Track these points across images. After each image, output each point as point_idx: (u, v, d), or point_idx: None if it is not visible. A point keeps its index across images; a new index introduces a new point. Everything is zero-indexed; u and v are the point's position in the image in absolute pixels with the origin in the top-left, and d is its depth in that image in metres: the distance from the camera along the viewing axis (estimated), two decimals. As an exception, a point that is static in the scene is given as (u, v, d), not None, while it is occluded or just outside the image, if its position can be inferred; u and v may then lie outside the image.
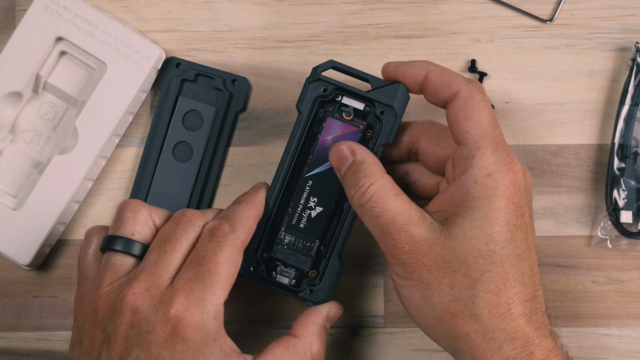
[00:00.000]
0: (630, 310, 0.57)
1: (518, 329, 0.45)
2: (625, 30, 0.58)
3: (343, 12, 0.59)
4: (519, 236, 0.46)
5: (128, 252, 0.47)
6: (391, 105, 0.50)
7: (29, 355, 0.58)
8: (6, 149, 0.57)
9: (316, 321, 0.50)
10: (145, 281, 0.45)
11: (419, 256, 0.46)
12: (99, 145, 0.56)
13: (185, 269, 0.46)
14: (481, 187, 0.46)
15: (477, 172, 0.46)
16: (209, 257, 0.45)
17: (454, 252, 0.45)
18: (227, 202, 0.58)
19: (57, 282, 0.58)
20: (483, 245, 0.45)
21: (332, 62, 0.51)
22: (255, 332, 0.57)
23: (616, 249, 0.57)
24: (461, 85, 0.48)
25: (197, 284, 0.45)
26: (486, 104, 0.47)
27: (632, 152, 0.57)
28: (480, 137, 0.46)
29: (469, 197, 0.46)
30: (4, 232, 0.55)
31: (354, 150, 0.49)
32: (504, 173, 0.46)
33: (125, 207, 0.48)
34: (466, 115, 0.47)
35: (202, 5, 0.59)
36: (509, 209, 0.46)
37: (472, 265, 0.45)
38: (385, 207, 0.46)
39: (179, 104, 0.58)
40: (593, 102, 0.58)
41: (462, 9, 0.59)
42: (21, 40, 0.56)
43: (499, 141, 0.47)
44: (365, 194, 0.47)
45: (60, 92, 0.58)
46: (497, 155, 0.46)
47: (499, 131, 0.47)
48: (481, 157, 0.46)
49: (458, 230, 0.46)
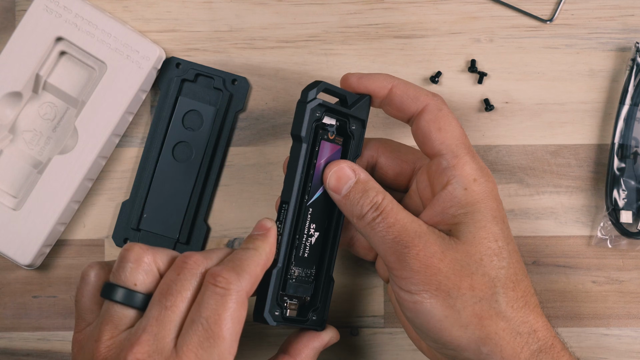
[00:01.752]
0: (630, 310, 0.57)
1: (537, 319, 0.47)
2: (625, 30, 0.58)
3: (343, 12, 0.59)
4: (510, 233, 0.48)
5: (129, 305, 0.45)
6: (363, 118, 0.50)
7: (29, 355, 0.58)
8: (6, 149, 0.57)
9: (317, 347, 0.50)
10: (147, 344, 0.43)
11: (434, 262, 0.46)
12: (99, 145, 0.56)
13: (188, 331, 0.43)
14: (471, 192, 0.47)
15: (462, 179, 0.47)
16: (213, 319, 0.43)
17: (468, 254, 0.46)
18: (227, 202, 0.58)
19: (57, 282, 0.58)
20: (493, 243, 0.47)
21: (323, 84, 0.49)
22: (256, 332, 0.57)
23: (616, 249, 0.57)
24: (428, 99, 0.49)
25: (203, 352, 0.42)
26: (453, 115, 0.49)
27: (632, 152, 0.57)
28: (457, 146, 0.48)
29: (464, 204, 0.47)
30: (4, 232, 0.55)
31: (355, 170, 0.49)
32: (486, 178, 0.48)
33: (128, 253, 0.45)
34: (439, 127, 0.48)
35: (202, 5, 0.59)
36: (499, 208, 0.48)
37: (488, 264, 0.46)
38: (397, 217, 0.47)
39: (179, 104, 0.58)
40: (593, 102, 0.58)
41: (462, 9, 0.59)
42: (21, 40, 0.56)
43: (472, 151, 0.49)
44: (378, 208, 0.47)
45: (60, 92, 0.58)
46: (476, 162, 0.48)
47: (469, 142, 0.49)
48: (464, 165, 0.47)
49: (466, 234, 0.46)
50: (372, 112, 0.52)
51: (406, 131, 0.55)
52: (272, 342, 0.57)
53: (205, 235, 0.58)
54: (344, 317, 0.57)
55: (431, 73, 0.58)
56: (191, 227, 0.58)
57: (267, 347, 0.57)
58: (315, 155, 0.49)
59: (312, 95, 0.48)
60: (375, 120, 0.58)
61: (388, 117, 0.58)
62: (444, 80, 0.58)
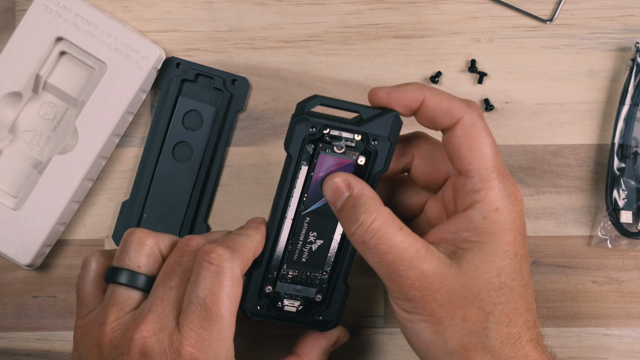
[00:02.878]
0: (630, 310, 0.57)
1: (527, 355, 0.45)
2: (625, 30, 0.58)
3: (343, 12, 0.59)
4: (525, 265, 0.46)
5: (134, 286, 0.46)
6: (386, 135, 0.47)
7: (29, 355, 0.58)
8: (6, 149, 0.57)
9: (324, 346, 0.50)
10: (152, 323, 0.44)
11: (430, 292, 0.44)
12: (99, 145, 0.56)
13: (187, 311, 0.44)
14: (490, 222, 0.45)
15: (485, 207, 0.45)
16: (210, 298, 0.43)
17: (466, 286, 0.45)
18: (227, 202, 0.58)
19: (57, 282, 0.58)
20: (495, 278, 0.45)
21: (318, 99, 0.47)
22: (255, 332, 0.57)
23: (616, 249, 0.57)
24: (462, 112, 0.45)
25: (203, 331, 0.43)
26: (487, 131, 0.46)
27: (632, 152, 0.57)
28: (485, 169, 0.45)
29: (478, 232, 0.45)
30: (4, 232, 0.55)
31: (349, 184, 0.46)
32: (511, 206, 0.45)
33: (130, 237, 0.47)
34: (470, 146, 0.45)
35: (202, 5, 0.59)
36: (517, 241, 0.45)
37: (485, 299, 0.45)
38: (391, 243, 0.44)
39: (179, 104, 0.58)
40: (593, 102, 0.58)
41: (462, 9, 0.59)
42: (21, 40, 0.56)
43: (502, 171, 0.46)
44: (368, 230, 0.45)
45: (60, 92, 0.58)
46: (504, 189, 0.45)
47: (501, 160, 0.46)
48: (488, 192, 0.45)
49: (469, 265, 0.45)
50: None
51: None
52: (275, 343, 0.57)
53: (205, 235, 0.58)
54: (344, 317, 0.57)
55: (431, 73, 0.58)
56: (191, 227, 0.58)
57: (269, 348, 0.57)
58: (312, 168, 0.48)
59: (302, 110, 0.47)
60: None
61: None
62: (444, 80, 0.58)
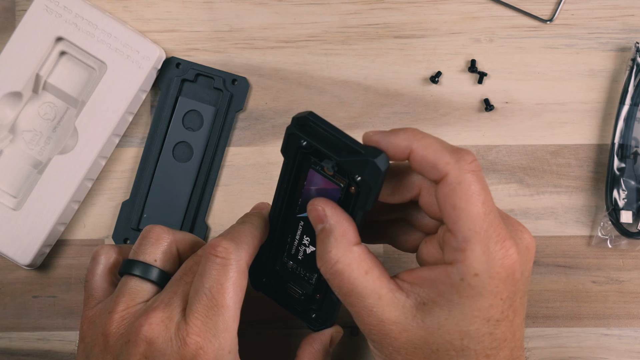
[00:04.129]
0: (630, 310, 0.57)
1: None
2: (625, 30, 0.58)
3: (343, 12, 0.59)
4: (500, 329, 0.43)
5: (147, 278, 0.46)
6: (363, 177, 0.43)
7: (29, 355, 0.58)
8: (6, 149, 0.57)
9: (320, 349, 0.50)
10: (162, 311, 0.44)
11: (388, 339, 0.43)
12: (99, 145, 0.56)
13: (194, 301, 0.44)
14: (467, 285, 0.42)
15: (464, 269, 0.41)
16: (216, 288, 0.44)
17: (425, 341, 0.43)
18: (227, 202, 0.58)
19: (57, 282, 0.58)
20: (457, 340, 0.43)
21: (309, 117, 0.44)
22: (256, 332, 0.57)
23: (616, 249, 0.57)
24: (447, 168, 0.42)
25: (208, 320, 0.44)
26: (477, 186, 0.41)
27: (632, 152, 0.57)
28: (469, 230, 0.41)
29: (453, 291, 0.42)
30: (4, 232, 0.55)
31: (326, 215, 0.45)
32: (493, 272, 0.42)
33: (149, 233, 0.48)
34: (453, 205, 0.41)
35: (202, 5, 0.59)
36: (493, 308, 0.42)
37: (443, 356, 0.43)
38: (353, 288, 0.43)
39: (179, 104, 0.58)
40: (593, 102, 0.58)
41: (462, 9, 0.59)
42: (21, 40, 0.56)
43: (490, 233, 0.42)
44: (331, 269, 0.44)
45: (60, 92, 0.58)
46: (487, 253, 0.41)
47: (492, 218, 0.42)
48: (469, 255, 0.41)
49: (433, 321, 0.42)
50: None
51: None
52: (275, 343, 0.57)
53: (205, 235, 0.58)
54: (344, 317, 0.57)
55: (431, 73, 0.58)
56: (191, 227, 0.58)
57: (270, 348, 0.57)
58: (304, 178, 0.47)
59: (295, 121, 0.45)
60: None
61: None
62: (444, 80, 0.58)
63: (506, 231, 0.42)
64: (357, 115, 0.58)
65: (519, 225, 0.45)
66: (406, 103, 0.58)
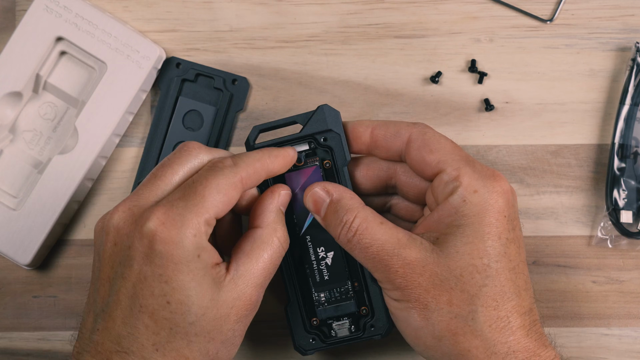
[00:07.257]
0: (630, 310, 0.57)
1: (519, 341, 0.45)
2: (625, 30, 0.58)
3: (343, 12, 0.59)
4: (512, 249, 0.46)
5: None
6: (328, 128, 0.50)
7: (29, 355, 0.58)
8: (6, 149, 0.57)
9: (272, 207, 0.49)
10: (130, 201, 0.46)
11: (414, 277, 0.45)
12: (99, 145, 0.56)
13: (173, 191, 0.46)
14: (470, 204, 0.46)
15: (463, 190, 0.46)
16: (199, 180, 0.45)
17: (448, 269, 0.45)
18: (227, 202, 0.58)
19: (57, 282, 0.58)
20: (477, 260, 0.45)
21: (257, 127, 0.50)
22: (256, 332, 0.57)
23: (616, 249, 0.57)
24: (409, 129, 0.49)
25: (179, 202, 0.45)
26: (440, 134, 0.48)
27: (632, 152, 0.57)
28: (454, 160, 0.47)
29: (459, 216, 0.46)
30: (4, 232, 0.55)
31: (328, 190, 0.49)
32: (491, 187, 0.46)
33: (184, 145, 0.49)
34: (430, 149, 0.48)
35: (202, 5, 0.59)
36: (500, 223, 0.46)
37: (469, 281, 0.45)
38: (373, 236, 0.46)
39: (179, 104, 0.58)
40: (593, 102, 0.58)
41: (462, 9, 0.59)
42: (21, 40, 0.56)
43: (471, 160, 0.48)
44: (350, 228, 0.47)
45: (60, 92, 0.58)
46: (479, 171, 0.47)
47: (466, 153, 0.48)
48: (464, 176, 0.46)
49: (451, 248, 0.46)
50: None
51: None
52: (275, 343, 0.57)
53: (205, 235, 0.58)
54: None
55: (431, 73, 0.58)
56: (191, 227, 0.58)
57: (270, 348, 0.57)
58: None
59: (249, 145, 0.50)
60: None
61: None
62: (444, 80, 0.58)
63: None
64: (357, 115, 0.58)
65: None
66: (406, 103, 0.58)
